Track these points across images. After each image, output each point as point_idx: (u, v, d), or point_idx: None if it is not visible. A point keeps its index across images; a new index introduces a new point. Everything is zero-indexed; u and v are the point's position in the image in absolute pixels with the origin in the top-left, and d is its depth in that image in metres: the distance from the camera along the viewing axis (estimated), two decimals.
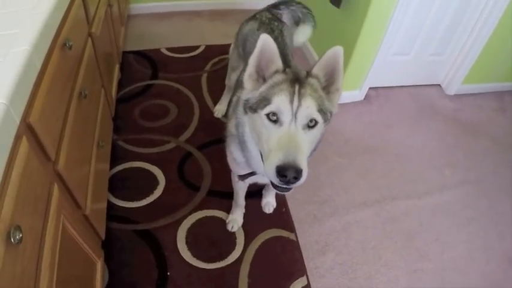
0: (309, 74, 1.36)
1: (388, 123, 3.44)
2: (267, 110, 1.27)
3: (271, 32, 2.15)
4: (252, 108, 1.34)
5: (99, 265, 1.80)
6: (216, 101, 3.05)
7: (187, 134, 2.82)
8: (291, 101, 1.25)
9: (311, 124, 1.29)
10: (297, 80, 1.31)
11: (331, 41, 3.37)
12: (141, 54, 3.42)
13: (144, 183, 2.49)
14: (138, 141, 2.71)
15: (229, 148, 1.73)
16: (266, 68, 1.36)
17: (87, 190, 1.74)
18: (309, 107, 1.26)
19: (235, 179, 2.06)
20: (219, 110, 3.00)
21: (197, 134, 2.84)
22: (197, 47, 3.61)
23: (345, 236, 2.54)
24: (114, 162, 2.52)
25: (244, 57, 2.23)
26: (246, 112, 1.40)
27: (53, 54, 1.36)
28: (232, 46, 2.53)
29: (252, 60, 1.35)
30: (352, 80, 3.33)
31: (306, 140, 1.28)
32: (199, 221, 2.37)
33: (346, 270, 2.38)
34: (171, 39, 3.67)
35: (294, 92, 1.27)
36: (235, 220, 2.40)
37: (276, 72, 1.35)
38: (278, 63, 1.35)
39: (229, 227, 2.38)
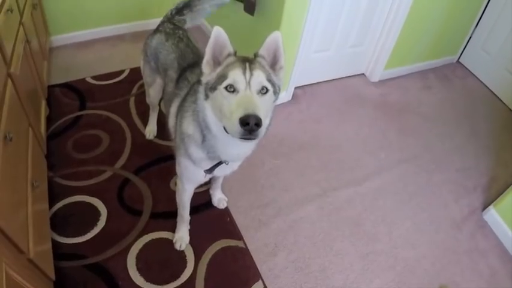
0: (256, 55, 1.57)
1: (318, 119, 3.53)
2: (225, 83, 1.45)
3: (180, 41, 2.28)
4: (212, 87, 1.51)
5: None
6: (146, 123, 3.05)
7: (122, 160, 2.80)
8: (244, 73, 1.45)
9: (263, 91, 1.47)
10: (246, 60, 1.52)
11: (251, 48, 3.40)
12: (67, 86, 3.37)
13: (86, 216, 2.46)
14: (74, 175, 2.67)
15: (188, 151, 1.82)
16: (220, 54, 1.56)
17: (27, 233, 1.71)
18: (259, 76, 1.46)
19: (182, 188, 2.15)
20: (150, 131, 3.01)
21: (132, 159, 2.82)
22: (122, 72, 3.59)
23: (292, 234, 2.59)
24: (53, 200, 2.48)
25: (160, 69, 2.34)
26: (206, 96, 1.56)
27: None
28: (142, 63, 2.57)
29: (208, 49, 1.54)
30: None
31: (261, 103, 1.44)
32: (147, 245, 2.36)
33: (300, 267, 2.44)
34: (96, 67, 3.63)
35: (245, 67, 1.46)
36: (182, 238, 2.41)
37: (229, 55, 1.55)
38: (230, 49, 1.56)
39: (177, 246, 2.39)
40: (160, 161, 2.84)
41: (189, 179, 2.07)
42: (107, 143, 2.91)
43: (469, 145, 3.61)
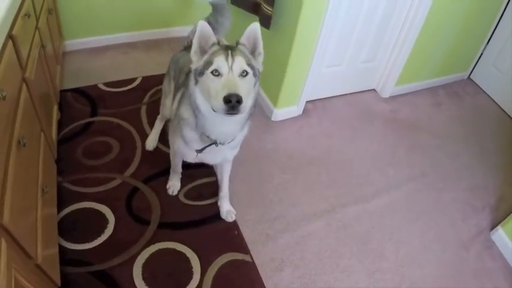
0: (237, 43, 1.81)
1: (328, 134, 3.52)
2: (211, 68, 1.70)
3: None
4: (200, 72, 1.75)
5: None
6: None
7: (131, 168, 2.80)
8: (227, 59, 1.69)
9: (244, 74, 1.72)
10: (229, 48, 1.75)
11: (265, 61, 3.40)
12: (78, 91, 3.38)
13: (94, 223, 2.45)
14: (83, 181, 2.67)
15: (182, 132, 2.09)
16: (205, 43, 1.79)
17: (36, 238, 1.70)
18: (240, 61, 1.71)
19: (174, 155, 2.53)
20: (150, 142, 3.01)
21: (141, 168, 2.82)
22: (134, 79, 3.60)
23: (299, 249, 2.58)
24: (61, 205, 2.48)
25: (177, 71, 2.51)
26: (196, 81, 1.80)
27: None
28: (164, 78, 2.77)
29: (195, 40, 1.78)
30: (288, 96, 3.40)
31: (242, 84, 1.69)
32: (153, 254, 2.35)
33: (305, 283, 2.42)
34: (108, 74, 3.64)
35: (228, 54, 1.70)
36: (175, 185, 2.72)
37: (213, 44, 1.79)
38: (214, 39, 1.79)
39: (170, 192, 2.70)
40: (170, 171, 2.82)
41: (180, 155, 2.41)
42: (117, 150, 2.92)
43: (477, 163, 3.59)
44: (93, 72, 3.66)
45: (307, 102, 3.68)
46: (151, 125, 3.13)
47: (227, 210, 2.66)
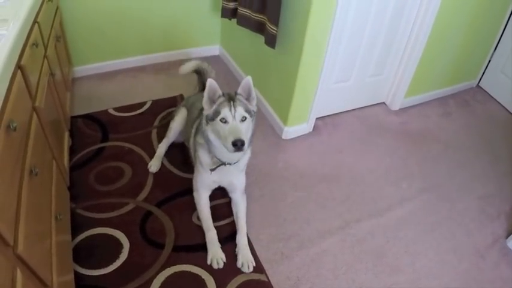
0: (236, 93, 2.29)
1: (339, 149, 3.52)
2: (219, 117, 2.21)
3: None
4: (211, 118, 2.27)
5: None
6: (168, 156, 3.09)
7: (144, 193, 2.81)
8: (230, 110, 2.20)
9: (243, 119, 2.24)
10: (231, 98, 2.24)
11: (274, 80, 3.46)
12: (89, 117, 3.41)
13: (108, 248, 2.45)
14: (96, 206, 2.68)
15: (199, 154, 2.56)
16: (213, 95, 2.28)
17: (51, 266, 1.70)
18: (240, 110, 2.22)
19: (198, 196, 2.72)
20: (154, 166, 3.02)
21: (154, 192, 2.83)
22: (144, 103, 3.63)
23: (315, 267, 2.56)
24: (75, 231, 2.48)
25: (189, 105, 3.10)
26: (207, 123, 2.32)
27: None
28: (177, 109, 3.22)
29: (205, 94, 2.27)
30: (297, 114, 3.41)
31: (243, 127, 2.22)
32: (169, 278, 2.33)
33: None
34: (118, 98, 3.68)
35: (231, 105, 2.20)
36: (215, 256, 2.46)
37: (219, 96, 2.28)
38: (219, 92, 2.28)
39: (214, 266, 2.43)
40: (182, 194, 2.84)
41: (202, 183, 2.68)
42: (129, 175, 2.93)
43: (490, 171, 3.56)
44: (102, 98, 3.69)
45: (317, 119, 3.68)
46: None
47: (245, 258, 2.50)
